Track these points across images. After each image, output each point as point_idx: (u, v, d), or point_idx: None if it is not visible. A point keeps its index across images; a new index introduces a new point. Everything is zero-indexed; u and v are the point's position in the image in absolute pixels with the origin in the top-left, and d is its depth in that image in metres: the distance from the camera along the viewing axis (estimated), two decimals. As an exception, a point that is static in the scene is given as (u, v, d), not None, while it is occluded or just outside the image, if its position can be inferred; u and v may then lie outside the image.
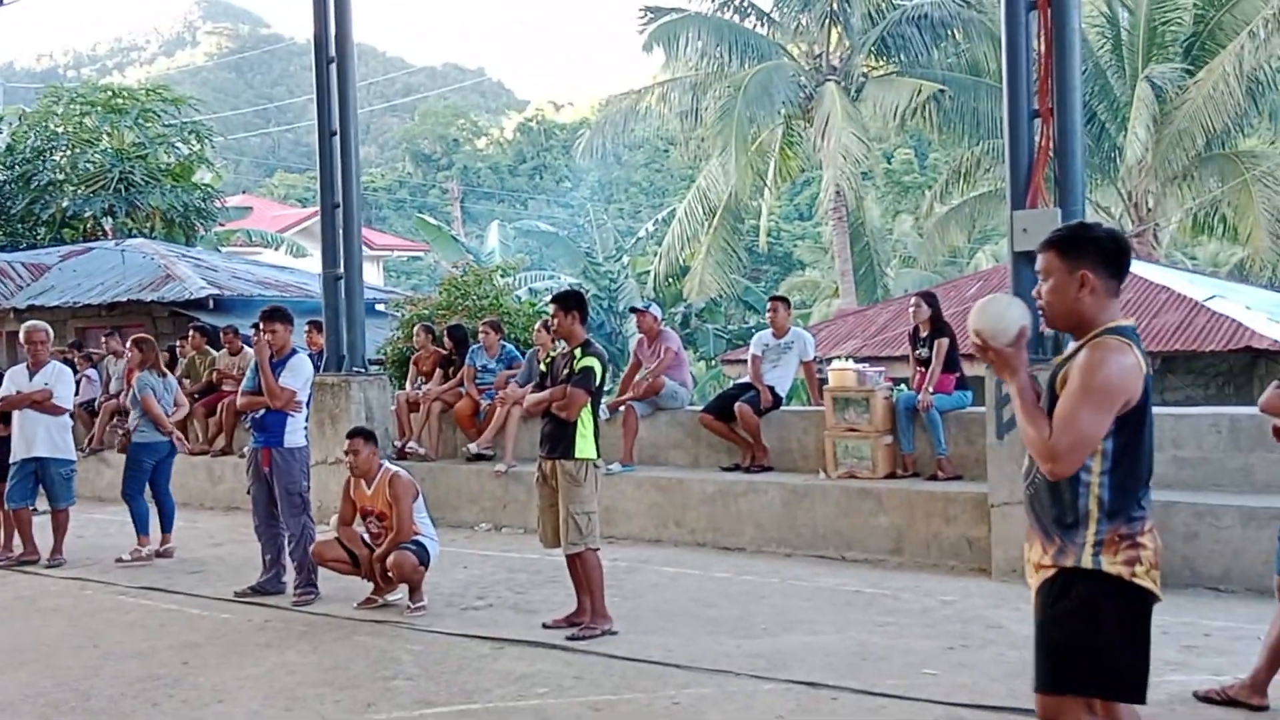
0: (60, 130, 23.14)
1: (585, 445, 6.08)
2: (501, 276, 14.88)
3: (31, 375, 8.56)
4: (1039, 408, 3.10)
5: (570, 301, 6.25)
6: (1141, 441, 3.06)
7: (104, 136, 23.13)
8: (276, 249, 27.97)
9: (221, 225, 25.62)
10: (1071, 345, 3.16)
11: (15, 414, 8.53)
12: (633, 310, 10.66)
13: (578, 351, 6.14)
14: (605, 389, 6.65)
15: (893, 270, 30.78)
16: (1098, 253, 3.09)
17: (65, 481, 8.61)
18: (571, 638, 5.97)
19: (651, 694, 5.08)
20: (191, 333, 12.49)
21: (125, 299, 15.67)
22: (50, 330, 8.86)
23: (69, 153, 22.78)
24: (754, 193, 25.91)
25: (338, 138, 10.26)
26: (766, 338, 9.34)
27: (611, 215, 42.15)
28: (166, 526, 8.77)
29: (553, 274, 25.40)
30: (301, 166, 53.18)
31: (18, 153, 22.66)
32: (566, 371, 6.13)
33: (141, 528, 8.65)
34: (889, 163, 41.34)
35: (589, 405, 6.10)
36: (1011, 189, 7.24)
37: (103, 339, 13.49)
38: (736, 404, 8.94)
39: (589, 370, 6.04)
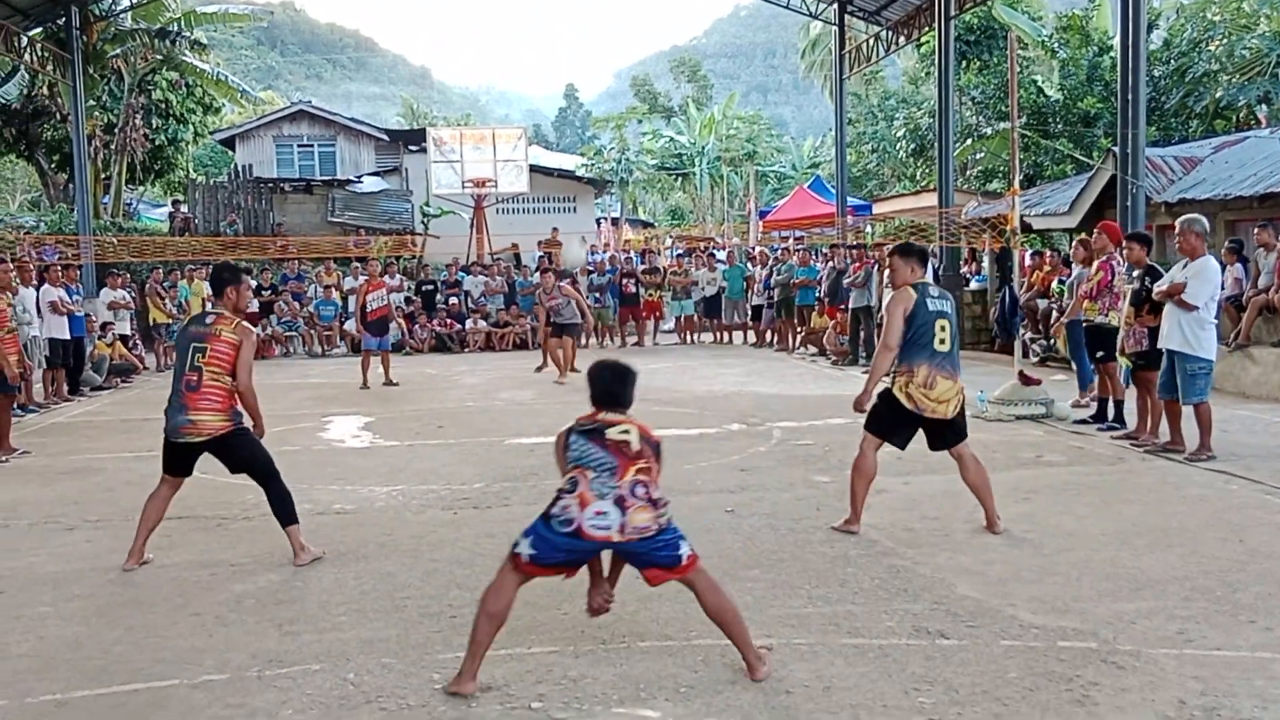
0: (1216, 19, 22.76)
1: None
2: None
3: (1184, 268, 8.67)
4: None
5: None
6: None
7: (1262, 20, 22.11)
8: None
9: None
10: None
11: (1166, 305, 8.74)
12: None
13: None
14: None
15: None
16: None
17: (1191, 378, 8.54)
18: None
19: None
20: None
21: (1279, 190, 14.89)
22: (1206, 223, 8.86)
23: (1225, 41, 22.30)
24: None
25: None
26: None
27: None
28: None
29: None
30: None
31: (1174, 46, 22.94)
32: None
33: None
34: None
35: None
36: None
37: (1254, 231, 13.09)
38: None
39: None
